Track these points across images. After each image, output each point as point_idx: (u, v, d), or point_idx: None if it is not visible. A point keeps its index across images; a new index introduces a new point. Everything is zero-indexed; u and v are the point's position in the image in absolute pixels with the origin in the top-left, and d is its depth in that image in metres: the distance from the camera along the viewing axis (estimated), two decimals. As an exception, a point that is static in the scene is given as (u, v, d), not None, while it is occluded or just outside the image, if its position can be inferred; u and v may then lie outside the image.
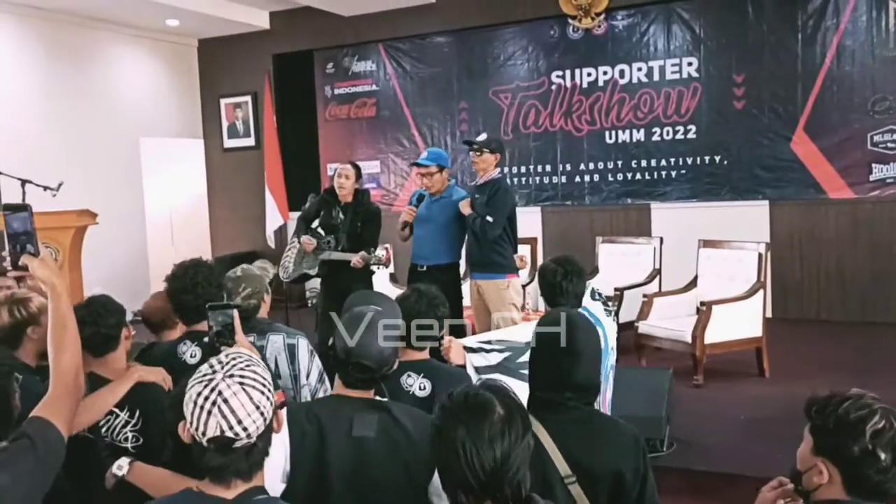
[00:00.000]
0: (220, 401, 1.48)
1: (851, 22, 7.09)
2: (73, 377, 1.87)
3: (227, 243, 10.00)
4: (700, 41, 7.71)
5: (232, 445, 1.49)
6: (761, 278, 5.56)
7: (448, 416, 1.62)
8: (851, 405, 1.65)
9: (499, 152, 4.91)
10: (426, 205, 4.96)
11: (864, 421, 1.62)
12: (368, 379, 2.10)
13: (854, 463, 1.63)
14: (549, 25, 8.31)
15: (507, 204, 4.77)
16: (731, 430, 4.57)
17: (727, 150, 7.67)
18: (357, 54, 9.39)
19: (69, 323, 1.89)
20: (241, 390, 1.50)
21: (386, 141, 9.30)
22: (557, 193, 8.42)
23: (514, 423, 1.59)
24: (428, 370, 2.66)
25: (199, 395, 1.50)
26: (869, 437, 1.60)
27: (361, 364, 2.06)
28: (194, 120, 10.16)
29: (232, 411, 1.48)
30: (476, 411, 1.60)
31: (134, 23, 8.99)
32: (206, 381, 1.51)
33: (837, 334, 6.78)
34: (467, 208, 4.75)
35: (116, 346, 2.63)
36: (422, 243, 4.95)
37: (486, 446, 1.55)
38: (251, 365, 1.55)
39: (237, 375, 1.51)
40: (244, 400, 1.49)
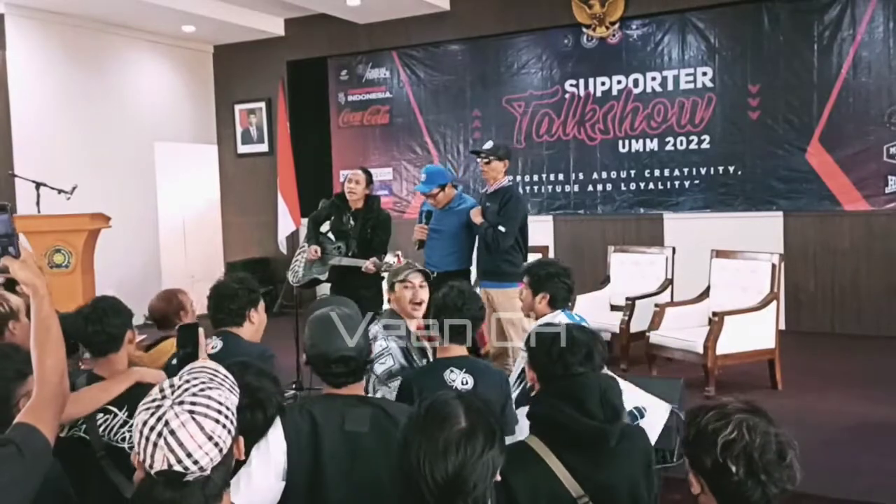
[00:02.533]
0: (166, 432, 1.32)
1: (868, 33, 7.04)
2: (58, 381, 1.79)
3: (239, 249, 10.03)
4: (715, 51, 7.68)
5: (183, 479, 1.33)
6: (775, 289, 5.51)
7: (410, 426, 1.60)
8: (712, 416, 1.58)
9: (507, 159, 4.92)
10: (437, 215, 4.98)
11: (717, 432, 1.55)
12: (354, 370, 2.14)
13: (710, 475, 1.58)
14: (563, 34, 8.31)
15: (519, 212, 4.76)
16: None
17: (741, 160, 7.62)
18: (371, 62, 9.42)
19: (52, 325, 1.81)
20: (190, 420, 1.33)
21: (399, 148, 9.31)
22: (570, 202, 8.40)
23: (474, 438, 1.55)
24: (469, 365, 2.75)
25: (145, 425, 1.34)
26: (720, 450, 1.54)
27: (342, 357, 2.10)
28: (208, 125, 10.21)
29: (180, 444, 1.31)
30: (434, 422, 1.57)
31: (151, 28, 9.06)
32: (153, 408, 1.35)
33: (852, 348, 6.70)
34: (478, 217, 4.72)
35: (118, 348, 2.63)
36: (432, 251, 4.97)
37: (439, 458, 1.52)
38: (206, 389, 1.38)
39: (187, 402, 1.35)
40: (194, 431, 1.33)
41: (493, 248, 4.66)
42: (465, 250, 4.94)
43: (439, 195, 4.90)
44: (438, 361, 2.82)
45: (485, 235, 4.68)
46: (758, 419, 1.56)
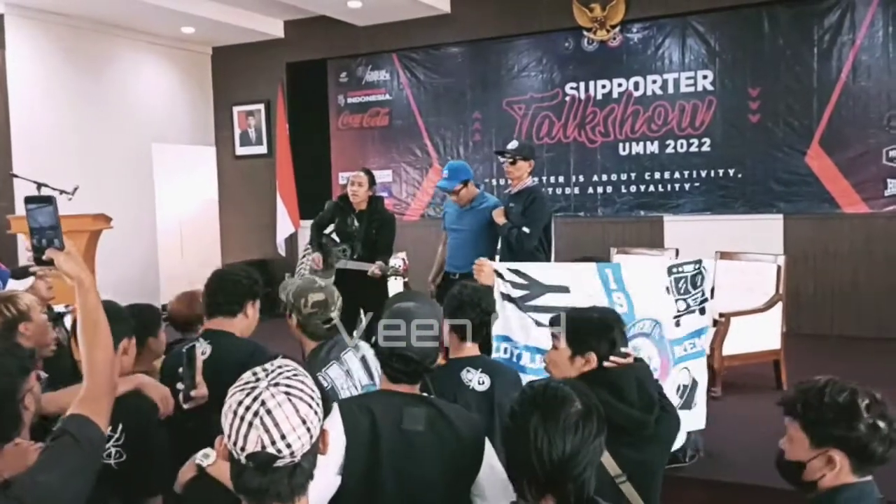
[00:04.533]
0: (262, 411, 1.31)
1: (868, 37, 7.09)
2: (109, 374, 1.80)
3: (238, 251, 9.99)
4: (715, 54, 7.71)
5: (273, 464, 1.33)
6: (779, 291, 5.53)
7: (525, 402, 1.63)
8: (832, 392, 1.75)
9: (532, 158, 4.88)
10: (458, 214, 4.95)
11: (853, 402, 1.72)
12: (412, 372, 2.13)
13: (862, 441, 1.72)
14: (563, 37, 8.32)
15: (545, 214, 4.71)
16: (753, 442, 4.51)
17: (741, 163, 7.65)
18: (371, 64, 9.41)
19: (100, 318, 1.81)
20: (286, 401, 1.33)
21: (398, 150, 9.31)
22: (570, 205, 8.41)
23: (590, 421, 1.60)
24: (485, 365, 2.75)
25: (240, 405, 1.33)
26: (865, 413, 1.71)
27: (404, 356, 2.09)
28: (207, 127, 10.18)
29: (275, 424, 1.31)
30: (554, 401, 1.61)
31: (150, 30, 9.03)
32: (247, 389, 1.35)
33: (852, 350, 6.73)
34: (501, 217, 4.67)
35: None
36: (455, 252, 4.93)
37: (557, 436, 1.56)
38: (298, 375, 1.40)
39: (283, 384, 1.35)
40: (289, 412, 1.33)
41: (517, 249, 4.58)
42: (489, 251, 4.85)
43: (462, 191, 4.86)
44: (454, 362, 2.80)
45: (508, 236, 4.61)
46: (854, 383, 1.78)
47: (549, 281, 3.37)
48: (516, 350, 3.35)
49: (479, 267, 3.39)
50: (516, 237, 4.57)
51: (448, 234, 5.07)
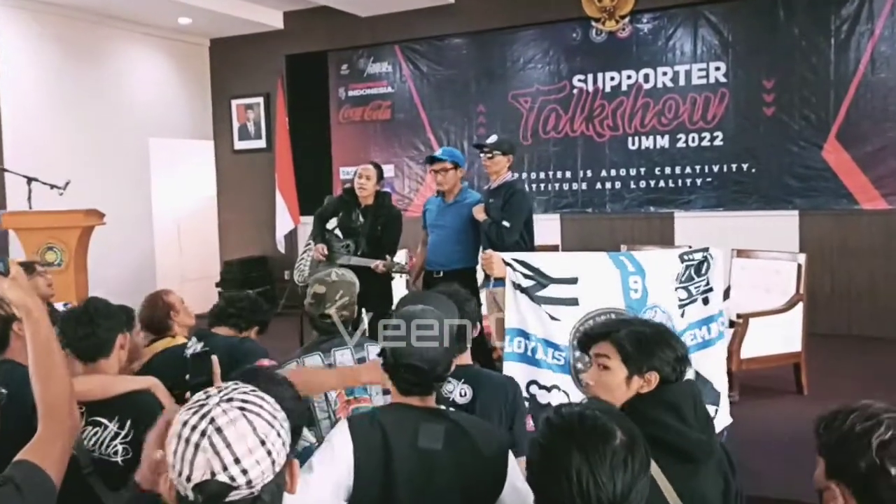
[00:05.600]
0: (211, 430, 1.09)
1: (888, 27, 6.85)
2: (66, 410, 1.59)
3: (236, 247, 9.77)
4: (728, 45, 7.47)
5: (225, 497, 1.09)
6: (800, 290, 5.31)
7: (559, 437, 1.40)
8: (857, 417, 1.46)
9: (511, 153, 4.76)
10: (440, 210, 4.82)
11: (869, 433, 1.42)
12: (422, 382, 1.94)
13: (863, 480, 1.43)
14: (571, 28, 8.09)
15: (524, 208, 4.58)
16: (774, 450, 4.30)
17: (755, 157, 7.42)
18: (372, 56, 9.18)
19: (55, 349, 1.61)
20: (240, 417, 1.11)
21: (401, 144, 9.08)
22: (577, 200, 8.18)
23: (638, 453, 1.39)
24: (469, 376, 2.53)
25: (185, 425, 1.11)
26: (875, 450, 1.40)
27: (412, 365, 1.91)
28: (204, 121, 9.95)
29: (227, 445, 1.09)
30: (594, 435, 1.39)
31: (146, 20, 8.79)
32: (195, 407, 1.14)
33: (871, 350, 6.51)
34: (481, 214, 4.56)
35: (109, 353, 2.45)
36: (437, 249, 4.81)
37: (606, 477, 1.35)
38: (258, 392, 1.19)
39: (237, 399, 1.14)
40: (244, 430, 1.11)
41: (498, 245, 4.43)
42: (472, 247, 4.74)
43: (450, 172, 4.74)
44: None
45: (488, 232, 4.48)
46: None
47: (555, 273, 3.16)
48: (531, 344, 3.16)
49: (487, 259, 3.22)
50: (496, 232, 4.47)
51: (429, 231, 4.97)
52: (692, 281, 3.33)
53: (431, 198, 5.11)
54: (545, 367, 3.11)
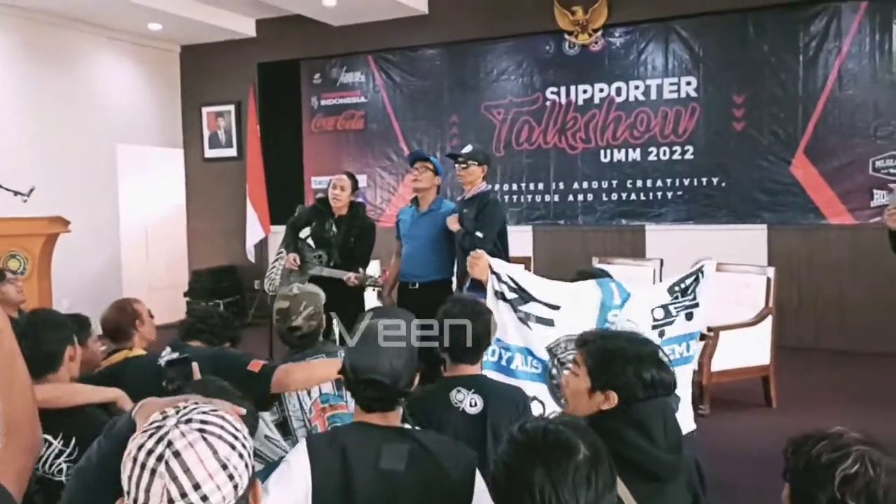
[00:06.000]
0: (168, 454, 1.03)
1: (855, 45, 6.97)
2: (30, 426, 1.54)
3: (205, 256, 9.65)
4: (699, 60, 7.55)
5: None
6: (769, 304, 5.35)
7: (523, 453, 1.36)
8: (826, 445, 1.40)
9: (486, 164, 4.70)
10: (414, 220, 4.75)
11: (834, 465, 1.36)
12: (385, 398, 1.86)
13: None
14: (544, 41, 8.12)
15: (497, 218, 4.52)
16: (744, 463, 4.31)
17: (725, 171, 7.50)
18: (346, 65, 9.14)
19: (17, 362, 1.56)
20: (199, 440, 1.05)
21: (374, 154, 9.04)
22: (550, 212, 8.20)
23: (602, 469, 1.35)
24: (480, 386, 2.50)
25: (141, 449, 1.05)
26: (838, 484, 1.34)
27: (373, 381, 1.83)
28: (174, 128, 9.83)
29: (186, 470, 1.03)
30: (557, 450, 1.35)
31: (115, 25, 8.67)
32: (151, 430, 1.07)
33: (838, 363, 6.59)
34: (455, 224, 4.50)
35: (58, 367, 2.33)
36: (411, 260, 4.71)
37: (568, 493, 1.31)
38: (218, 412, 1.13)
39: (196, 421, 1.08)
40: (204, 454, 1.04)
41: None
42: (447, 258, 4.68)
43: (427, 175, 4.70)
44: (445, 381, 2.56)
45: (462, 242, 4.43)
46: (880, 453, 1.36)
47: (541, 296, 3.14)
48: (507, 353, 3.14)
49: (475, 259, 3.17)
50: (469, 242, 4.41)
51: (403, 242, 4.89)
52: (677, 301, 3.27)
53: (405, 208, 5.05)
54: (522, 377, 3.09)
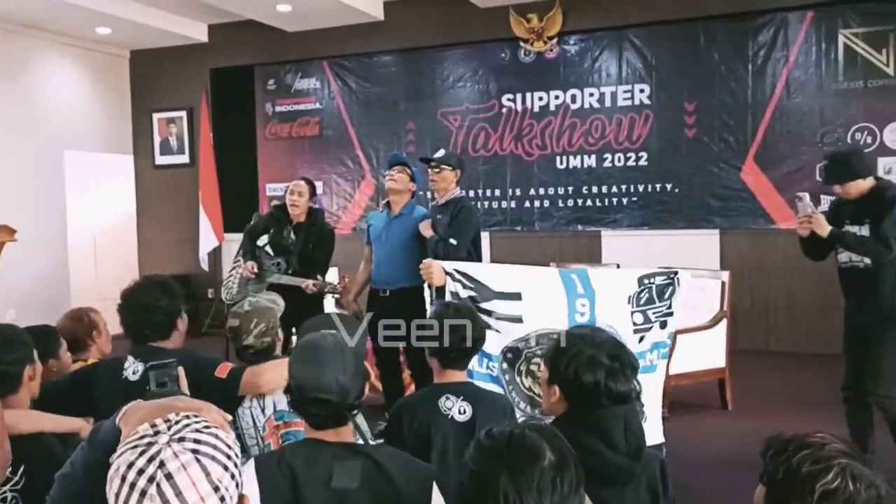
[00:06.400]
0: (160, 476, 1.01)
1: (802, 54, 7.16)
2: None
3: (157, 265, 9.44)
4: (652, 68, 7.67)
5: None
6: (724, 307, 5.45)
7: (487, 460, 1.35)
8: (807, 455, 1.35)
9: (459, 168, 4.66)
10: (385, 225, 4.67)
11: (814, 478, 1.32)
12: (334, 415, 1.80)
13: None
14: (500, 48, 8.17)
15: (472, 225, 4.49)
16: (702, 465, 4.37)
17: (678, 178, 7.62)
18: (300, 71, 9.06)
19: None
20: (193, 461, 1.03)
21: (329, 161, 8.97)
22: (507, 218, 8.23)
23: (567, 473, 1.34)
24: (468, 393, 2.49)
25: (131, 467, 1.01)
26: (817, 499, 1.30)
27: (320, 399, 1.77)
28: (124, 134, 9.62)
29: (178, 493, 1.00)
30: (522, 455, 1.34)
31: (61, 29, 8.46)
32: (142, 446, 1.03)
33: (789, 365, 6.74)
34: (428, 230, 4.45)
35: (17, 388, 2.20)
36: (382, 266, 4.61)
37: (533, 499, 1.30)
38: (211, 427, 1.10)
39: (190, 440, 1.05)
40: (197, 476, 1.02)
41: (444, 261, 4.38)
42: (418, 263, 4.62)
43: (402, 176, 4.63)
44: (434, 388, 2.53)
45: (435, 249, 4.38)
46: (863, 467, 1.32)
47: (498, 286, 3.12)
48: None
49: (427, 268, 3.18)
50: (443, 249, 4.36)
51: (373, 247, 4.79)
52: (652, 305, 3.27)
53: (375, 213, 4.97)
54: (478, 377, 3.07)
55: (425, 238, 4.51)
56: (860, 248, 3.78)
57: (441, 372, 2.55)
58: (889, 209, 3.68)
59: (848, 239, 3.79)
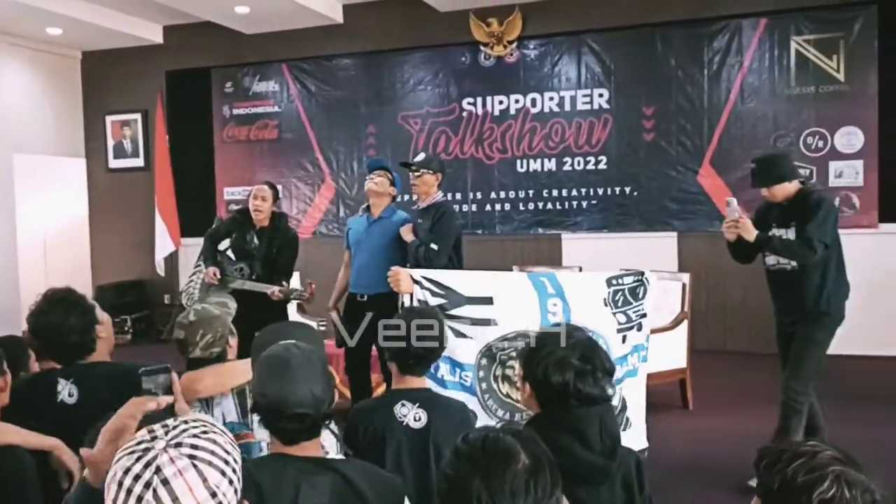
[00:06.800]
0: (157, 482, 1.01)
1: (755, 60, 7.32)
2: None
3: (111, 271, 9.25)
4: (611, 73, 7.77)
5: None
6: (685, 309, 5.54)
7: (462, 464, 1.35)
8: (802, 465, 1.35)
9: (440, 172, 4.60)
10: (365, 228, 4.62)
11: (811, 488, 1.32)
12: (309, 427, 1.76)
13: None
14: (460, 51, 8.19)
15: (454, 230, 4.46)
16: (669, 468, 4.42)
17: (637, 181, 7.73)
18: (258, 74, 8.96)
19: None
20: (189, 467, 1.03)
21: (288, 165, 8.88)
22: (468, 222, 8.24)
23: (542, 476, 1.35)
24: (424, 400, 2.46)
25: (128, 473, 1.02)
26: None
27: (297, 415, 1.72)
28: (76, 137, 9.41)
29: (174, 499, 1.00)
30: (496, 459, 1.35)
31: (9, 29, 8.24)
32: (139, 452, 1.03)
33: (746, 365, 6.87)
34: (409, 234, 4.41)
35: None
36: (361, 271, 4.52)
37: (506, 502, 1.31)
38: (209, 432, 1.09)
39: (187, 445, 1.05)
40: (193, 482, 1.02)
41: (426, 267, 4.32)
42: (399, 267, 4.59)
43: (382, 179, 4.57)
44: (392, 394, 2.52)
45: (416, 254, 4.35)
46: (856, 473, 1.32)
47: (469, 292, 3.10)
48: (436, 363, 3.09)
49: (394, 276, 3.14)
50: (424, 254, 4.33)
51: (353, 251, 4.72)
52: (630, 305, 3.29)
53: (354, 217, 4.90)
54: (450, 386, 3.05)
55: (405, 242, 4.47)
56: (786, 251, 3.89)
57: (399, 377, 2.54)
58: (814, 212, 3.78)
59: (774, 243, 3.90)
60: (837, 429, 4.08)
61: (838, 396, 5.85)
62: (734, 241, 4.02)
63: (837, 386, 6.16)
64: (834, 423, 4.19)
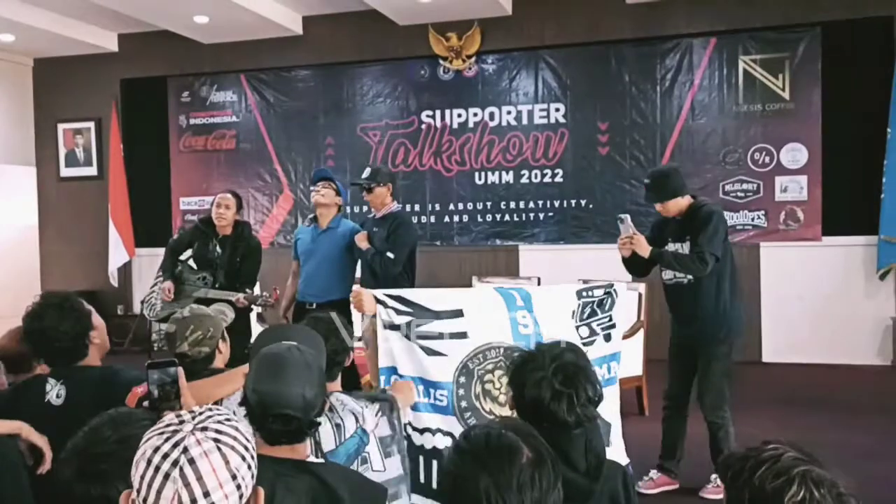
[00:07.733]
0: (184, 461, 1.08)
1: (705, 78, 7.57)
2: None
3: (61, 280, 9.05)
4: (567, 88, 7.94)
5: None
6: (642, 318, 5.68)
7: (467, 462, 1.38)
8: (767, 472, 1.37)
9: (391, 182, 4.68)
10: (312, 238, 4.68)
11: (780, 493, 1.33)
12: (295, 430, 1.75)
13: None
14: (419, 65, 8.29)
15: (410, 239, 4.55)
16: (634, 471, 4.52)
17: (592, 194, 7.90)
18: (216, 83, 8.92)
19: None
20: (214, 449, 1.10)
21: (246, 175, 8.84)
22: (427, 233, 8.31)
23: (545, 469, 1.40)
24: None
25: (157, 452, 1.09)
26: None
27: (284, 415, 1.72)
28: (26, 145, 9.23)
29: (199, 478, 1.08)
30: (500, 455, 1.38)
31: (-40, 34, 8.06)
32: (168, 433, 1.11)
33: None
34: (364, 242, 4.46)
35: None
36: (310, 279, 4.63)
37: (514, 497, 1.35)
38: (232, 420, 1.17)
39: (212, 429, 1.12)
40: (217, 463, 1.10)
41: (381, 275, 4.39)
42: (347, 277, 4.64)
43: (328, 191, 4.61)
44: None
45: (371, 262, 4.40)
46: (819, 469, 1.36)
47: (437, 306, 3.01)
48: None
49: (356, 296, 3.03)
50: (379, 263, 4.39)
51: (301, 261, 4.78)
52: (595, 317, 3.31)
53: (302, 227, 4.99)
54: (421, 408, 2.94)
55: (354, 251, 4.53)
56: (678, 265, 4.02)
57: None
58: (703, 225, 3.88)
59: (666, 257, 4.04)
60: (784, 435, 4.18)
61: (784, 403, 6.09)
62: (629, 256, 4.14)
63: (783, 393, 6.41)
64: (781, 430, 4.35)
